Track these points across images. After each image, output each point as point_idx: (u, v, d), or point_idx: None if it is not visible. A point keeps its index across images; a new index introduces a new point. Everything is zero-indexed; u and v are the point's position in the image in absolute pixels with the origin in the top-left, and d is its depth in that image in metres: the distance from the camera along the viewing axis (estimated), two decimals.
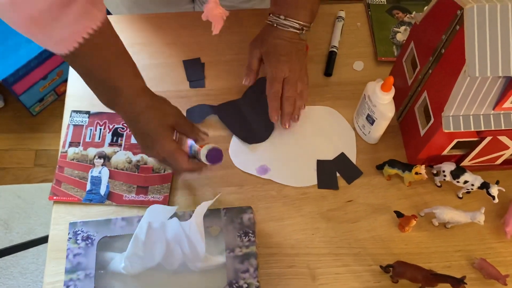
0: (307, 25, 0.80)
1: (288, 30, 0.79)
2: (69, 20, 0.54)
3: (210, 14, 0.65)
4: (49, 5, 0.51)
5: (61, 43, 0.56)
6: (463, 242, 0.73)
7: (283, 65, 0.78)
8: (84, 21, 0.57)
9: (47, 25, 0.53)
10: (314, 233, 0.73)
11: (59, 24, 0.54)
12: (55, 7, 0.52)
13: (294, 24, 0.79)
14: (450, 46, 0.62)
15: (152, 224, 0.56)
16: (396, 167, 0.74)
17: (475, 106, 0.63)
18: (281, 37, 0.79)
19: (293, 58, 0.79)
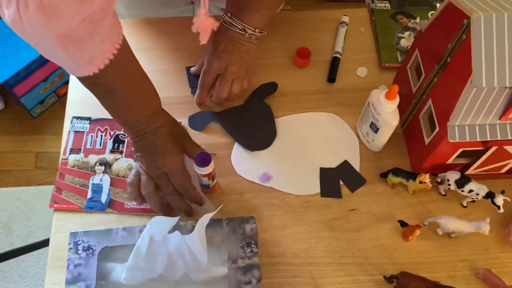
0: (251, 29, 0.78)
1: (231, 29, 0.79)
2: (102, 37, 0.55)
3: (201, 26, 0.65)
4: (80, 22, 0.51)
5: (93, 61, 0.57)
6: (468, 252, 0.72)
7: (220, 61, 0.79)
8: (113, 37, 0.58)
9: (80, 42, 0.53)
10: (317, 242, 0.72)
11: (93, 40, 0.54)
12: (86, 24, 0.52)
13: (238, 24, 0.78)
14: (456, 55, 0.62)
15: (154, 237, 0.56)
16: (400, 176, 0.74)
17: (481, 116, 0.62)
18: (223, 35, 0.79)
19: (232, 58, 0.79)
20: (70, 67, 0.58)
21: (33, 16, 0.49)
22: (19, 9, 0.49)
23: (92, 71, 0.58)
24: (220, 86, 0.80)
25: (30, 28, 0.50)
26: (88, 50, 0.55)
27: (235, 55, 0.79)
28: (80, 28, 0.52)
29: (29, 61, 1.56)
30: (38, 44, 0.54)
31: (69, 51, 0.54)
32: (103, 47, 0.57)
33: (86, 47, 0.55)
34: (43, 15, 0.49)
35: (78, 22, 0.51)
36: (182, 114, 0.82)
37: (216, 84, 0.81)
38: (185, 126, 0.82)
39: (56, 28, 0.50)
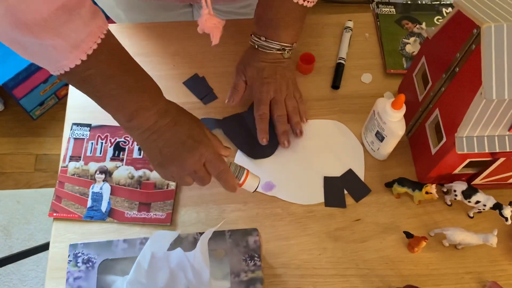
0: (289, 46, 0.78)
1: (270, 52, 0.78)
2: (84, 20, 0.51)
3: (205, 26, 0.62)
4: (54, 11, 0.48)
5: (80, 45, 0.52)
6: (474, 263, 0.71)
7: (268, 87, 0.77)
8: (97, 20, 0.53)
9: (57, 28, 0.50)
10: (321, 253, 0.71)
11: (73, 25, 0.50)
12: (61, 12, 0.49)
13: (275, 45, 0.77)
14: (465, 65, 0.60)
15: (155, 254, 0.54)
16: (406, 186, 0.72)
17: (490, 127, 0.61)
18: (264, 60, 0.78)
19: (277, 78, 0.78)
20: (54, 60, 0.53)
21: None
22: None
23: (79, 58, 0.53)
24: (277, 109, 0.78)
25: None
26: (71, 34, 0.51)
27: (279, 75, 0.78)
28: (56, 17, 0.49)
29: (29, 62, 1.55)
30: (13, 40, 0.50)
31: (47, 40, 0.50)
32: (87, 30, 0.52)
33: (66, 32, 0.50)
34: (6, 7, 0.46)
35: (51, 12, 0.48)
36: None
37: (272, 109, 0.78)
38: None
39: (23, 18, 0.47)
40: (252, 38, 0.79)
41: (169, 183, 0.75)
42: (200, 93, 0.84)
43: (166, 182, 0.75)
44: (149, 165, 0.66)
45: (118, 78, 0.58)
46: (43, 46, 0.51)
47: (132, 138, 0.77)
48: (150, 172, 0.76)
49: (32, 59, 0.55)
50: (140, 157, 0.78)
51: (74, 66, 0.53)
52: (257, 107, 0.78)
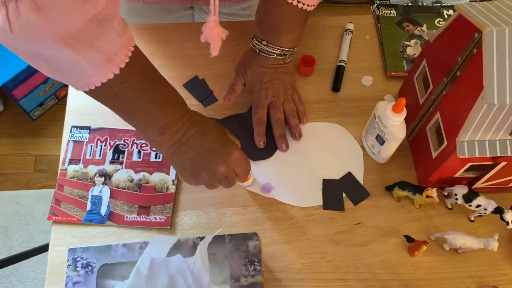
0: (289, 50, 0.78)
1: (270, 57, 0.78)
2: (117, 31, 0.50)
3: (209, 35, 0.62)
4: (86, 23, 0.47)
5: (113, 59, 0.51)
6: (475, 267, 0.71)
7: (266, 92, 0.78)
8: (127, 32, 0.53)
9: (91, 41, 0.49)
10: (322, 257, 0.71)
11: (107, 37, 0.50)
12: (94, 24, 0.48)
13: (276, 50, 0.77)
14: (467, 69, 0.60)
15: (154, 260, 0.54)
16: (407, 190, 0.72)
17: (491, 132, 0.60)
18: (264, 65, 0.78)
19: (275, 84, 0.78)
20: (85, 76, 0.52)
21: (26, 21, 0.44)
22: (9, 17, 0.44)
23: (112, 72, 0.52)
24: (275, 113, 0.79)
25: (23, 36, 0.45)
26: (105, 46, 0.50)
27: (277, 79, 0.78)
28: (88, 29, 0.47)
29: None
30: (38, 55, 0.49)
31: (82, 52, 0.48)
32: (119, 42, 0.51)
33: (101, 44, 0.49)
34: (40, 16, 0.44)
35: (84, 23, 0.47)
36: None
37: (270, 114, 0.79)
38: None
39: (57, 29, 0.45)
40: (253, 41, 0.79)
41: (168, 186, 0.75)
42: (200, 96, 0.84)
43: (166, 185, 0.75)
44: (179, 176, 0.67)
45: (149, 91, 0.57)
46: (74, 62, 0.50)
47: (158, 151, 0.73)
48: (150, 175, 0.76)
49: (57, 75, 0.53)
50: (139, 160, 0.77)
51: (106, 80, 0.53)
52: (255, 111, 0.79)
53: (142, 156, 0.78)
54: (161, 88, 0.60)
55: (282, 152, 0.79)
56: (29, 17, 0.44)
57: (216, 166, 0.61)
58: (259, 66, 0.78)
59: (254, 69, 0.78)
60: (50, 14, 0.44)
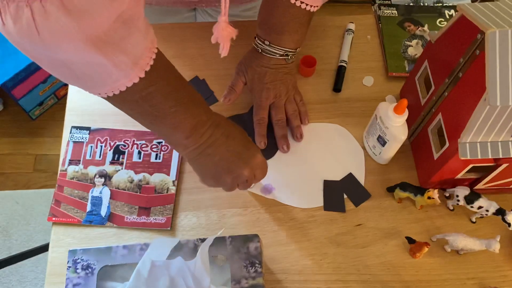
0: (292, 51, 0.77)
1: (272, 57, 0.77)
2: (141, 34, 0.49)
3: (220, 35, 0.61)
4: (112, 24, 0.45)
5: (139, 62, 0.50)
6: (476, 269, 0.70)
7: (268, 92, 0.77)
8: (151, 33, 0.52)
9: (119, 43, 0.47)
10: (323, 259, 0.71)
11: (133, 39, 0.48)
12: (119, 25, 0.46)
13: (278, 50, 0.76)
14: (469, 71, 0.60)
15: (155, 262, 0.54)
16: (408, 191, 0.72)
17: (493, 133, 0.60)
18: (265, 65, 0.77)
19: (277, 84, 0.78)
20: (111, 80, 0.50)
21: (56, 23, 0.41)
22: (34, 18, 0.41)
23: (138, 76, 0.50)
24: (276, 114, 0.78)
25: (52, 38, 0.42)
26: (131, 48, 0.48)
27: (279, 80, 0.78)
28: (114, 31, 0.46)
29: (28, 62, 1.54)
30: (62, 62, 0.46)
31: (111, 56, 0.47)
32: (145, 44, 0.50)
33: (127, 46, 0.47)
34: (70, 17, 0.42)
35: (110, 24, 0.45)
36: None
37: (271, 114, 0.79)
38: None
39: (88, 31, 0.43)
40: (256, 41, 0.78)
41: (169, 187, 0.75)
42: (207, 92, 0.83)
43: (166, 186, 0.75)
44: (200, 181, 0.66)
45: (176, 94, 0.56)
46: (101, 66, 0.48)
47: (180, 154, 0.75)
48: (150, 176, 0.76)
49: (78, 81, 0.52)
50: (140, 160, 0.77)
51: (131, 84, 0.51)
52: (256, 111, 0.79)
53: (142, 156, 0.77)
54: (187, 90, 0.58)
55: (283, 153, 0.79)
56: (58, 17, 0.41)
57: (240, 170, 0.62)
58: (261, 66, 0.77)
59: (255, 69, 0.78)
60: (79, 14, 0.42)
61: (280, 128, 0.78)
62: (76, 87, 0.56)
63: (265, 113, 0.78)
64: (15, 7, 0.41)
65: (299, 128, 0.79)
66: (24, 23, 0.41)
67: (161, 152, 0.78)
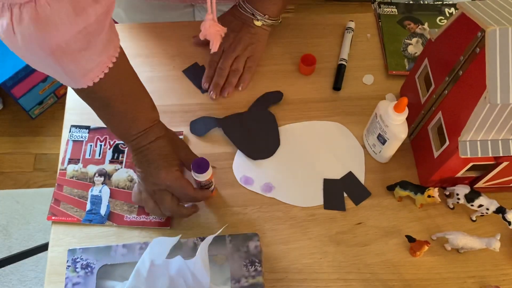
0: (260, 14, 0.81)
1: (243, 12, 0.82)
2: (98, 50, 0.53)
3: (208, 32, 0.65)
4: (75, 34, 0.49)
5: (88, 75, 0.55)
6: (477, 268, 0.70)
7: (226, 39, 0.81)
8: (109, 49, 0.55)
9: (74, 54, 0.51)
10: (323, 257, 0.70)
11: (88, 53, 0.52)
12: (81, 37, 0.50)
13: (248, 8, 0.81)
14: (469, 69, 0.59)
15: (154, 262, 0.54)
16: (408, 189, 0.72)
17: (494, 132, 0.60)
18: (235, 15, 0.83)
19: (238, 36, 0.82)
20: (63, 80, 0.56)
21: (27, 28, 0.47)
22: (12, 21, 0.46)
23: (86, 84, 0.56)
24: (223, 61, 0.82)
25: (23, 41, 0.48)
26: (84, 63, 0.53)
27: (241, 34, 0.82)
28: (75, 41, 0.50)
29: None
30: (30, 58, 0.52)
31: (63, 64, 0.52)
32: (98, 60, 0.54)
33: (81, 60, 0.52)
34: (38, 27, 0.47)
35: (72, 35, 0.49)
36: (184, 122, 0.81)
37: (219, 62, 0.83)
38: (187, 133, 0.80)
39: (50, 41, 0.48)
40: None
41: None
42: (199, 82, 0.84)
43: None
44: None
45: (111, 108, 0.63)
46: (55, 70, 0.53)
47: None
48: None
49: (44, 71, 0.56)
50: None
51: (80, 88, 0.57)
52: (211, 56, 0.83)
53: None
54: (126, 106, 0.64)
55: (283, 152, 0.79)
56: (29, 26, 0.46)
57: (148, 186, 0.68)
58: (230, 15, 0.83)
59: (226, 17, 0.83)
60: (46, 26, 0.47)
61: (218, 75, 0.82)
62: None
63: (217, 57, 0.82)
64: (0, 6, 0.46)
65: (229, 87, 0.82)
66: (4, 23, 0.47)
67: None
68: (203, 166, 0.66)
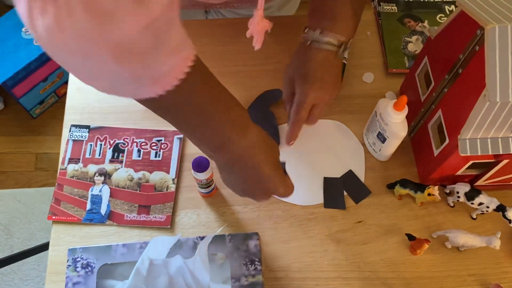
0: (346, 41, 0.70)
1: (323, 49, 0.70)
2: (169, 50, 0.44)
3: (255, 29, 0.58)
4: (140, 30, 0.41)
5: (158, 82, 0.46)
6: (477, 265, 0.70)
7: (315, 93, 0.71)
8: (183, 51, 0.46)
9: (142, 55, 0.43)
10: (323, 256, 0.70)
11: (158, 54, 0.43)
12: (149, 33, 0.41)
13: (330, 40, 0.69)
14: (468, 67, 0.59)
15: (153, 261, 0.54)
16: (408, 188, 0.72)
17: (494, 129, 0.60)
18: (315, 59, 0.70)
19: (327, 86, 0.71)
20: (125, 89, 0.47)
21: (80, 22, 0.38)
22: (60, 15, 0.38)
23: (156, 93, 0.46)
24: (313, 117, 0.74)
25: (74, 39, 0.40)
26: (153, 66, 0.44)
27: (330, 81, 0.72)
28: (141, 39, 0.41)
29: (28, 61, 1.54)
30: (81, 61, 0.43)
31: (128, 67, 0.43)
32: (171, 62, 0.45)
33: (150, 63, 0.43)
34: (95, 19, 0.39)
35: (137, 31, 0.41)
36: None
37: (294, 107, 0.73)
38: None
39: (110, 35, 0.40)
40: (305, 32, 0.71)
41: (168, 185, 0.75)
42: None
43: (166, 184, 0.75)
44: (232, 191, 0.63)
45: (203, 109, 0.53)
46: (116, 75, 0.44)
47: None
48: (150, 174, 0.76)
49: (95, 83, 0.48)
50: (139, 159, 0.77)
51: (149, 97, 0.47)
52: (297, 109, 0.72)
53: (142, 155, 0.77)
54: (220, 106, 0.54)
55: (283, 150, 0.78)
56: (83, 19, 0.39)
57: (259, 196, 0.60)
58: (309, 61, 0.70)
59: (302, 65, 0.71)
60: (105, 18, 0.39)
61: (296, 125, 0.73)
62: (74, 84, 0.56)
63: (306, 113, 0.72)
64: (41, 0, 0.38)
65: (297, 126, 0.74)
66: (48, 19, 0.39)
67: (161, 150, 0.78)
68: (203, 165, 0.66)
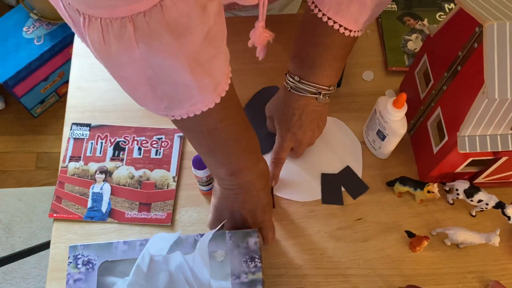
0: (325, 88, 0.69)
1: (302, 95, 0.70)
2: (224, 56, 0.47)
3: (257, 40, 0.59)
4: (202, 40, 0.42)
5: (218, 88, 0.48)
6: (477, 262, 0.70)
7: (294, 137, 0.72)
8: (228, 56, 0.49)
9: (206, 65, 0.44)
10: (322, 253, 0.71)
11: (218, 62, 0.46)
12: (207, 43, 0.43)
13: (309, 88, 0.69)
14: (467, 64, 0.60)
15: (154, 257, 0.54)
16: (408, 185, 0.72)
17: (492, 126, 0.60)
18: (294, 106, 0.70)
19: (307, 130, 0.72)
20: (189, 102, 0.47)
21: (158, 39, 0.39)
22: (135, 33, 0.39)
23: (214, 102, 0.48)
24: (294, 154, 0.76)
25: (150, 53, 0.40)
26: (215, 71, 0.46)
27: (310, 127, 0.72)
28: (204, 49, 0.43)
29: (29, 61, 1.54)
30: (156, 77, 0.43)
31: (199, 77, 0.44)
32: (225, 68, 0.48)
33: (212, 69, 0.45)
34: (172, 35, 0.40)
35: (201, 41, 0.42)
36: None
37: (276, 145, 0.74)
38: None
39: (186, 49, 0.41)
40: (286, 78, 0.71)
41: (169, 182, 0.75)
42: None
43: (167, 182, 0.75)
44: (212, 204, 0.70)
45: (237, 137, 0.57)
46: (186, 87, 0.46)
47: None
48: (150, 172, 0.76)
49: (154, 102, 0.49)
50: (140, 157, 0.77)
51: (206, 109, 0.50)
52: (276, 151, 0.74)
53: (143, 153, 0.78)
54: (248, 134, 0.59)
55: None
56: (161, 35, 0.39)
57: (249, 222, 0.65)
58: (289, 107, 0.71)
59: (282, 110, 0.72)
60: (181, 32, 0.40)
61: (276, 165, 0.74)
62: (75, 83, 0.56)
63: (285, 155, 0.74)
64: (119, 24, 0.39)
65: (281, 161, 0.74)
66: (125, 39, 0.39)
67: (161, 148, 0.78)
68: (203, 163, 0.66)
